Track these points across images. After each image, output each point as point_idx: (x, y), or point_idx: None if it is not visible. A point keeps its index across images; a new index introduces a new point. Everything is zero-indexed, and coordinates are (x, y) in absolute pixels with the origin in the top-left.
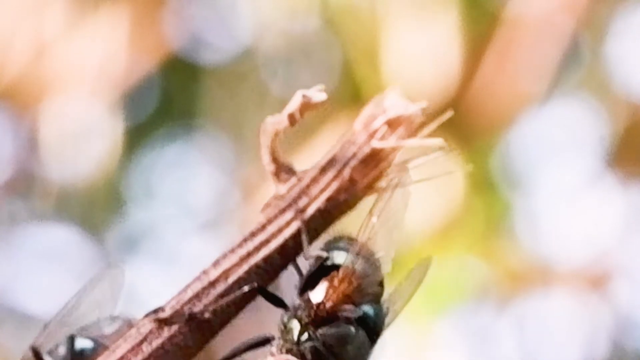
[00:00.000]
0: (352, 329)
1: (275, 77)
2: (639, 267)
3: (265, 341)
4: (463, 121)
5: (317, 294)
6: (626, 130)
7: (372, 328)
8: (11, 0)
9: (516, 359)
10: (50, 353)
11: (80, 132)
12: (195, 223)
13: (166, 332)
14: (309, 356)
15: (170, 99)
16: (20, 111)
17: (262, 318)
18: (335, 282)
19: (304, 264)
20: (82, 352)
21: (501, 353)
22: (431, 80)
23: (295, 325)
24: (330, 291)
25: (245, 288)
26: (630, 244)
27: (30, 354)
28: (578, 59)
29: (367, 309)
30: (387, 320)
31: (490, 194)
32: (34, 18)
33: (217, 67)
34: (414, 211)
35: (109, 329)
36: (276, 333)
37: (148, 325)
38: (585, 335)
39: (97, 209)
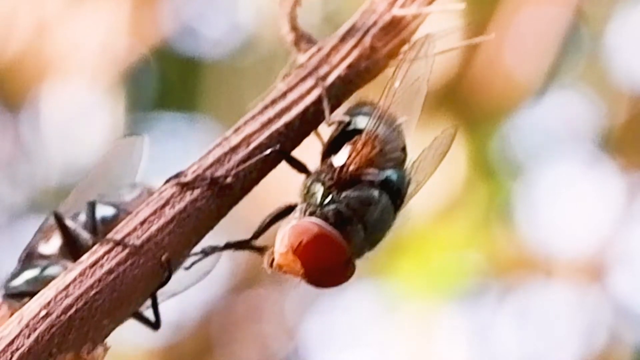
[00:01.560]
0: (375, 192)
1: (275, 70)
2: (638, 257)
3: (288, 210)
4: (462, 107)
5: (340, 158)
6: (626, 119)
7: (396, 192)
8: None
9: (514, 347)
10: (71, 220)
11: (80, 115)
12: None
13: (188, 196)
14: (332, 219)
15: (168, 92)
16: (20, 92)
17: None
18: (358, 145)
19: (326, 131)
20: (103, 218)
21: (500, 341)
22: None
23: (318, 189)
24: (353, 155)
25: (268, 151)
26: (630, 234)
27: (52, 221)
28: (578, 46)
29: (390, 173)
30: (410, 189)
31: (489, 182)
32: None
33: (217, 60)
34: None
35: (129, 196)
36: (299, 199)
37: (170, 190)
38: (584, 325)
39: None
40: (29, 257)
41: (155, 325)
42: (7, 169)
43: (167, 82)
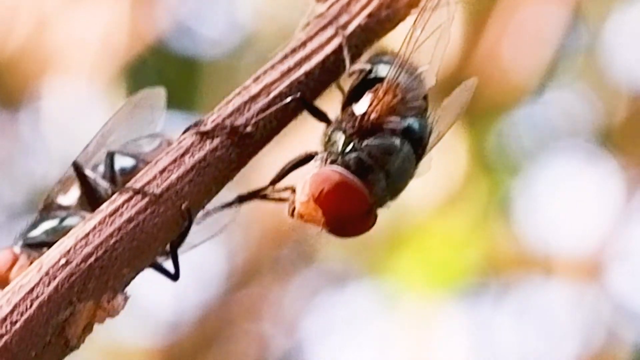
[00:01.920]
0: (397, 140)
1: None
2: (636, 255)
3: (308, 158)
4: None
5: (361, 106)
6: (625, 116)
7: (418, 141)
8: None
9: (513, 344)
10: (90, 171)
11: (79, 111)
12: None
13: (208, 145)
14: (353, 167)
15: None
16: (19, 89)
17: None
18: (380, 93)
19: (346, 82)
20: (122, 169)
21: (498, 338)
22: None
23: (340, 137)
24: (375, 103)
25: (288, 99)
26: (628, 232)
27: (71, 172)
28: (577, 43)
29: (412, 121)
30: (431, 139)
31: (489, 177)
32: None
33: (215, 59)
34: (415, 187)
35: (148, 147)
36: (319, 148)
37: (189, 139)
38: (582, 323)
39: None
40: (47, 208)
41: (174, 276)
42: (5, 168)
43: (165, 80)
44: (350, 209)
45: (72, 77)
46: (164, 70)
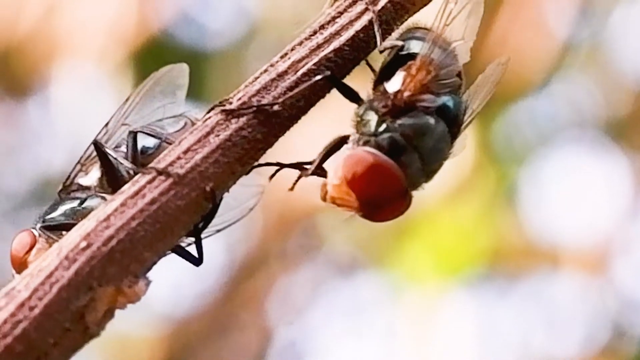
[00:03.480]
0: (432, 119)
1: None
2: None
3: (342, 141)
4: None
5: (394, 84)
6: (632, 107)
7: (452, 120)
8: None
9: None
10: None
11: (88, 97)
12: None
13: (234, 124)
14: (386, 148)
15: None
16: (28, 74)
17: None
18: (413, 70)
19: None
20: (145, 149)
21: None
22: None
23: (372, 117)
24: (408, 80)
25: (317, 77)
26: (635, 224)
27: (92, 150)
28: (584, 36)
29: (447, 99)
30: (465, 118)
31: (496, 167)
32: None
33: (221, 49)
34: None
35: (172, 128)
36: (350, 130)
37: (214, 118)
38: (588, 315)
39: None
40: (67, 189)
41: (198, 261)
42: (11, 159)
43: None
44: (384, 191)
45: (79, 62)
46: (171, 59)
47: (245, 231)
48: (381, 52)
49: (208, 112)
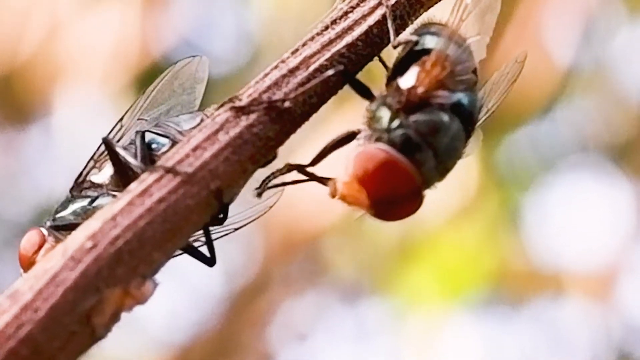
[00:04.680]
0: (446, 116)
1: None
2: None
3: (351, 136)
4: None
5: (408, 80)
6: (636, 132)
7: (467, 117)
8: None
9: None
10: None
11: (91, 119)
12: None
13: (244, 121)
14: (400, 145)
15: None
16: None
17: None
18: (427, 66)
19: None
20: (157, 147)
21: (508, 352)
22: None
23: (385, 113)
24: (422, 76)
25: (329, 72)
26: (638, 250)
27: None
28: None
29: (462, 96)
30: (481, 115)
31: (500, 191)
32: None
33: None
34: (427, 199)
35: (188, 124)
36: (362, 126)
37: (224, 115)
38: (593, 340)
39: None
40: (79, 187)
41: (210, 261)
42: (12, 185)
43: None
44: (397, 190)
45: (81, 87)
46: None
47: (247, 255)
48: (395, 47)
49: (218, 109)
